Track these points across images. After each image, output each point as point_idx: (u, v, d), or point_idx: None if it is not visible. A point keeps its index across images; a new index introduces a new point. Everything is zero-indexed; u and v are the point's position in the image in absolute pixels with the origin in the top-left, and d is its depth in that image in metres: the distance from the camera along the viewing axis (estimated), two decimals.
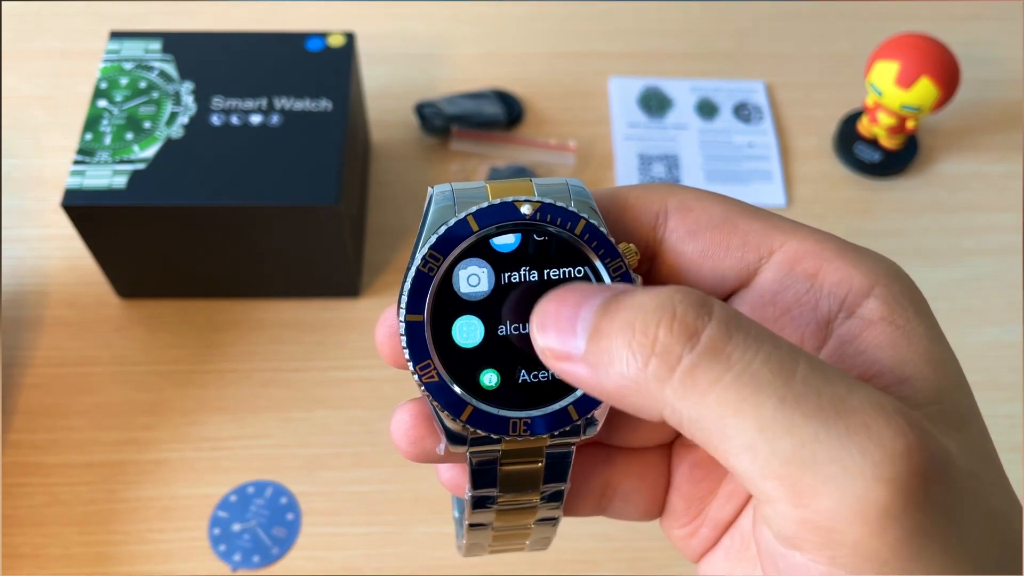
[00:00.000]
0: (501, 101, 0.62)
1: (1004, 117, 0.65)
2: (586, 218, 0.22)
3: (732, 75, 0.66)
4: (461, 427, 0.21)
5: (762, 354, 0.18)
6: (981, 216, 0.60)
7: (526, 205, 0.22)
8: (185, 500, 0.47)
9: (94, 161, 0.48)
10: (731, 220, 0.23)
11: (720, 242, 0.23)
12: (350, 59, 0.53)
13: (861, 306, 0.21)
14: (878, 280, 0.21)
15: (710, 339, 0.18)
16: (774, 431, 0.17)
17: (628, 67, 0.66)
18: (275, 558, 0.46)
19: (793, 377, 0.18)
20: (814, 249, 0.22)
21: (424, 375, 0.21)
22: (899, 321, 0.21)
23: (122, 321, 0.53)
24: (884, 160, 0.61)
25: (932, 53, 0.55)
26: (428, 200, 0.22)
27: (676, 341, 0.18)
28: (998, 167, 0.62)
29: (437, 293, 0.21)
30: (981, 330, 0.55)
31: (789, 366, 0.18)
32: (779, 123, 0.64)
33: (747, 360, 0.18)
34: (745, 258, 0.22)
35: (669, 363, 0.18)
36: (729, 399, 0.17)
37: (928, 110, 0.56)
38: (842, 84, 0.65)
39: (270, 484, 0.48)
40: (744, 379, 0.17)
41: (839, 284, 0.21)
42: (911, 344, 0.21)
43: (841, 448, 0.17)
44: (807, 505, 0.17)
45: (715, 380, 0.18)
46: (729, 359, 0.18)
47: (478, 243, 0.22)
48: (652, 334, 0.18)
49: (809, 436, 0.17)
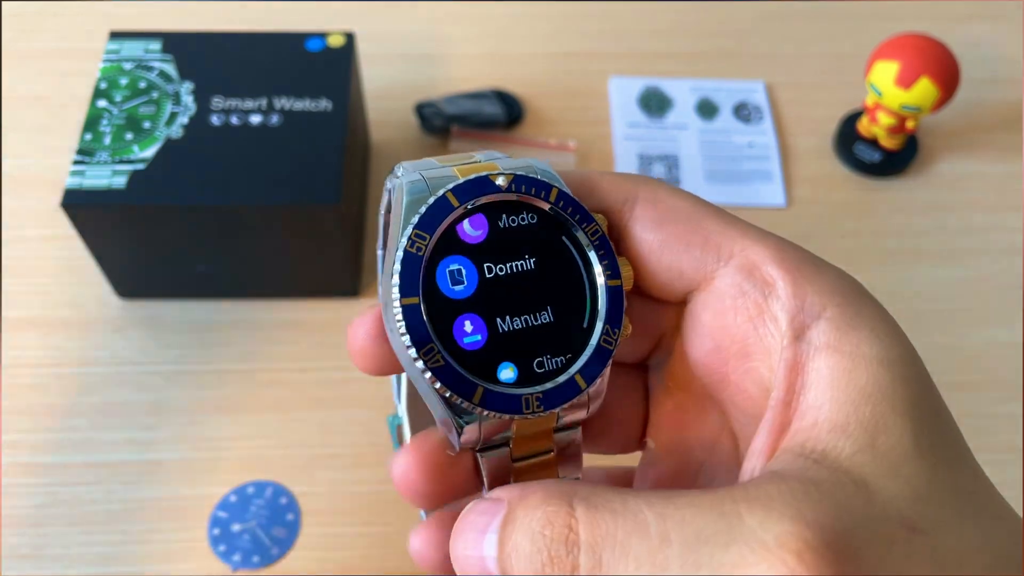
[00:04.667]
0: (501, 101, 0.62)
1: (1004, 117, 0.65)
2: (558, 187, 0.22)
3: (732, 75, 0.66)
4: (474, 414, 0.21)
5: (632, 559, 0.18)
6: (981, 216, 0.60)
7: (500, 178, 0.22)
8: (185, 500, 0.47)
9: (94, 161, 0.48)
10: (696, 218, 0.23)
11: (681, 237, 0.23)
12: (350, 59, 0.53)
13: (811, 328, 0.21)
14: (832, 300, 0.21)
15: (587, 570, 0.19)
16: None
17: (628, 67, 0.66)
18: (275, 558, 0.46)
19: (667, 567, 0.18)
20: (774, 258, 0.22)
21: (429, 360, 0.20)
22: (846, 347, 0.20)
23: (122, 321, 0.53)
24: (884, 160, 0.61)
25: (932, 53, 0.55)
26: (396, 183, 0.22)
27: (563, 559, 0.19)
28: (998, 167, 0.62)
29: (425, 279, 0.21)
30: (981, 330, 0.55)
31: (660, 559, 0.18)
32: (779, 123, 0.64)
33: (623, 571, 0.18)
34: (704, 257, 0.23)
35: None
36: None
37: (928, 110, 0.56)
38: (842, 84, 0.65)
39: (270, 484, 0.48)
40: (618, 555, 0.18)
41: (792, 299, 0.21)
42: (852, 377, 0.20)
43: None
44: None
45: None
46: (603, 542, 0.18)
47: (448, 238, 0.21)
48: (548, 563, 0.19)
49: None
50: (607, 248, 0.22)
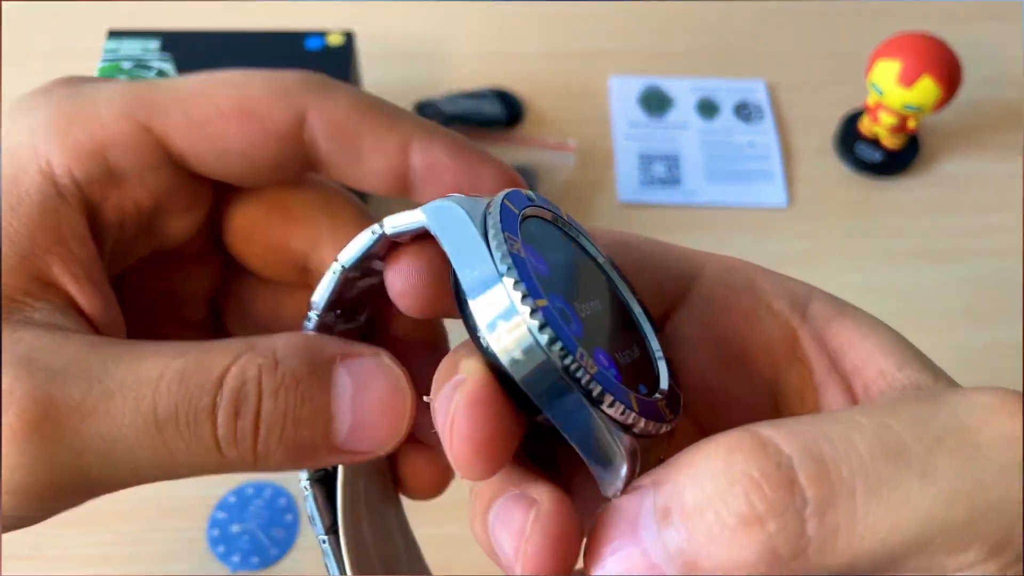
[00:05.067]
0: (501, 101, 0.62)
1: (1006, 117, 0.65)
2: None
3: (732, 74, 0.66)
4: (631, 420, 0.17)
5: (863, 449, 0.16)
6: (982, 216, 0.60)
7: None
8: (183, 501, 0.47)
9: None
10: (665, 246, 0.23)
11: (654, 254, 0.23)
12: (349, 58, 0.53)
13: (810, 306, 0.21)
14: (811, 289, 0.22)
15: (810, 479, 0.15)
16: (938, 512, 0.15)
17: (628, 67, 0.66)
18: (274, 559, 0.45)
19: (909, 449, 0.16)
20: (744, 263, 0.22)
21: (586, 365, 0.17)
22: (851, 313, 0.21)
23: None
24: (885, 160, 0.61)
25: (934, 52, 0.55)
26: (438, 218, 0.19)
27: (784, 510, 0.15)
28: (999, 167, 0.62)
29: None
30: (981, 330, 0.55)
31: (895, 443, 0.16)
32: (780, 122, 0.64)
33: (859, 468, 0.15)
34: (679, 267, 0.22)
35: (795, 532, 0.15)
36: (878, 517, 0.15)
37: (929, 109, 0.56)
38: (843, 83, 0.65)
39: (269, 485, 0.47)
40: (873, 488, 0.15)
41: (779, 289, 0.21)
42: (878, 333, 0.20)
43: (1004, 477, 0.16)
44: (1007, 546, 0.16)
45: (850, 513, 0.15)
46: (843, 482, 0.15)
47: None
48: (755, 520, 0.15)
49: (971, 489, 0.16)
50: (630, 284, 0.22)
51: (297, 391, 0.20)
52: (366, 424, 0.20)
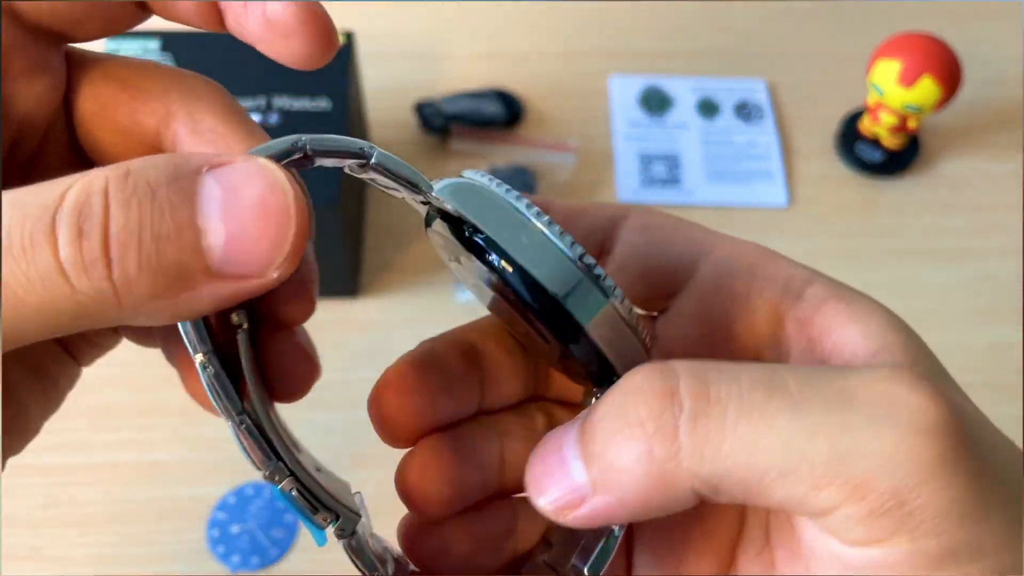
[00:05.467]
0: (501, 101, 0.62)
1: (1006, 116, 0.65)
2: None
3: (733, 74, 0.66)
4: None
5: (745, 382, 0.18)
6: (982, 216, 0.60)
7: None
8: (183, 501, 0.47)
9: None
10: (679, 226, 0.24)
11: (666, 237, 0.24)
12: (349, 58, 0.53)
13: (807, 290, 0.21)
14: (815, 275, 0.22)
15: (690, 392, 0.18)
16: (800, 442, 0.17)
17: (628, 66, 0.66)
18: (274, 559, 0.45)
19: (787, 389, 0.17)
20: (752, 248, 0.23)
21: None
22: (847, 298, 0.21)
23: None
24: (886, 159, 0.61)
25: (934, 52, 0.55)
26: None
27: (661, 413, 0.18)
28: (999, 166, 0.62)
29: None
30: (981, 330, 0.55)
31: (778, 383, 0.18)
32: (780, 122, 0.64)
33: (735, 394, 0.17)
34: (689, 250, 0.23)
35: (669, 435, 0.17)
36: (743, 435, 0.17)
37: (930, 109, 0.56)
38: (844, 83, 0.65)
39: (268, 485, 0.47)
40: (744, 410, 0.17)
41: (778, 273, 0.22)
42: (869, 317, 0.21)
43: (871, 426, 0.17)
44: (867, 493, 0.17)
45: (719, 426, 0.17)
46: (719, 402, 0.17)
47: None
48: (637, 423, 0.18)
49: (835, 429, 0.17)
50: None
51: (153, 202, 0.16)
52: (243, 235, 0.17)
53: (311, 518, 0.20)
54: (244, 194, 0.17)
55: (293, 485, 0.20)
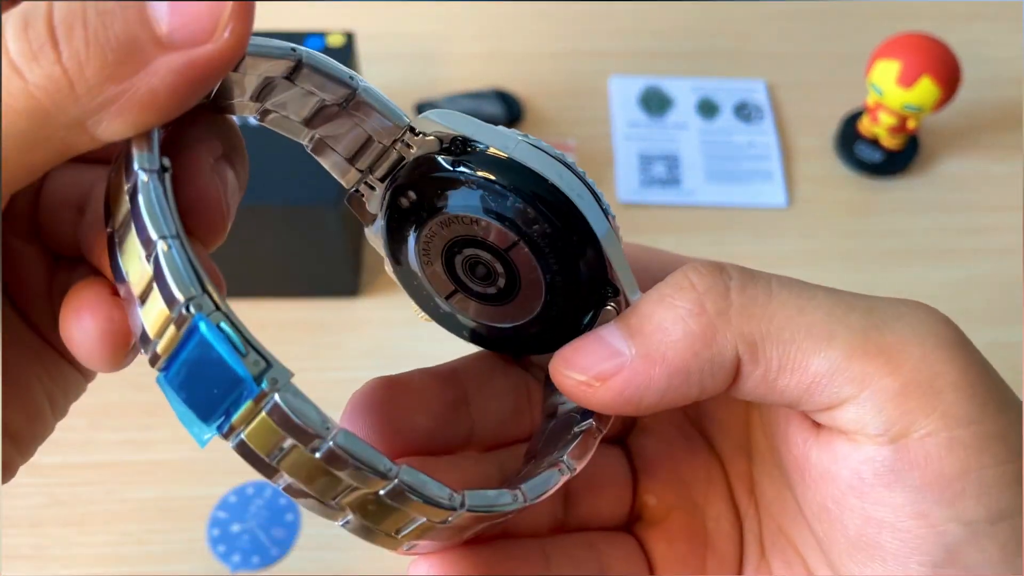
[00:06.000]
0: (501, 101, 0.62)
1: (1005, 117, 0.65)
2: None
3: (733, 74, 0.66)
4: None
5: (780, 275, 0.19)
6: (982, 216, 0.60)
7: None
8: (184, 501, 0.47)
9: None
10: (650, 258, 0.23)
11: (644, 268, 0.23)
12: (349, 59, 0.53)
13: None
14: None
15: (736, 270, 0.19)
16: (839, 311, 0.18)
17: (628, 66, 0.66)
18: (274, 559, 0.45)
19: (814, 287, 0.19)
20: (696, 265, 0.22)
21: None
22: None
23: None
24: (885, 160, 0.61)
25: (933, 52, 0.55)
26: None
27: (713, 281, 0.19)
28: (999, 167, 0.62)
29: None
30: (981, 330, 0.55)
31: (805, 284, 0.19)
32: (780, 123, 0.64)
33: (776, 277, 0.19)
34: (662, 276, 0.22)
35: (721, 293, 0.19)
36: (788, 300, 0.19)
37: (929, 110, 0.56)
38: (843, 83, 0.65)
39: (269, 484, 0.48)
40: (786, 284, 0.19)
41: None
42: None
43: (897, 309, 0.18)
44: (901, 363, 0.18)
45: (766, 292, 0.19)
46: (764, 277, 0.19)
47: None
48: (689, 290, 0.19)
49: (868, 308, 0.18)
50: None
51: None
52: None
53: (240, 361, 0.16)
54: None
55: (223, 319, 0.16)
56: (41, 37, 0.16)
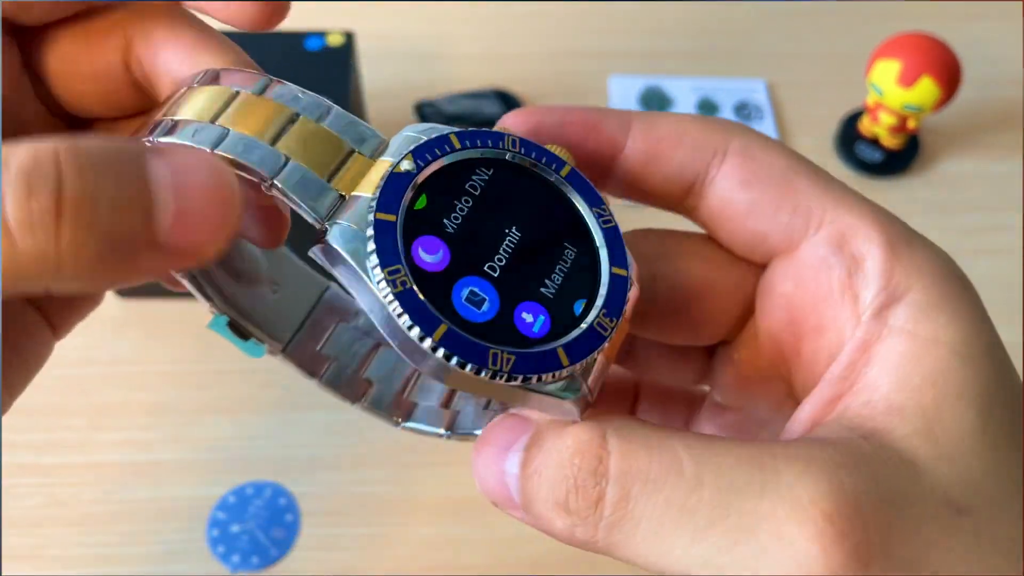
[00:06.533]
0: (501, 101, 0.62)
1: (1005, 116, 0.65)
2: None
3: (733, 74, 0.66)
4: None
5: (662, 498, 0.18)
6: (982, 216, 0.60)
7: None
8: (183, 501, 0.47)
9: None
10: (790, 178, 0.22)
11: (772, 200, 0.22)
12: (349, 58, 0.53)
13: (891, 309, 0.20)
14: (920, 280, 0.21)
15: (612, 504, 0.19)
16: (694, 564, 0.18)
17: (628, 66, 0.66)
18: (274, 559, 0.45)
19: (696, 511, 0.18)
20: (867, 232, 0.21)
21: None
22: (923, 332, 0.20)
23: (121, 321, 0.53)
24: (885, 160, 0.61)
25: (933, 52, 0.55)
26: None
27: (586, 510, 0.19)
28: (999, 166, 0.62)
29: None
30: None
31: (692, 501, 0.18)
32: (780, 122, 0.64)
33: (651, 510, 0.18)
34: (792, 223, 0.21)
35: (590, 527, 0.19)
36: (650, 547, 0.19)
37: (929, 109, 0.56)
38: (843, 83, 0.65)
39: (269, 485, 0.47)
40: (653, 529, 0.19)
41: (879, 277, 0.21)
42: (921, 361, 0.20)
43: (756, 562, 0.18)
44: None
45: (630, 535, 0.19)
46: (633, 517, 0.19)
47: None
48: (567, 506, 0.19)
49: (725, 562, 0.18)
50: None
51: (109, 169, 0.16)
52: (191, 212, 0.17)
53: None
54: (193, 175, 0.17)
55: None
56: (44, 212, 0.15)
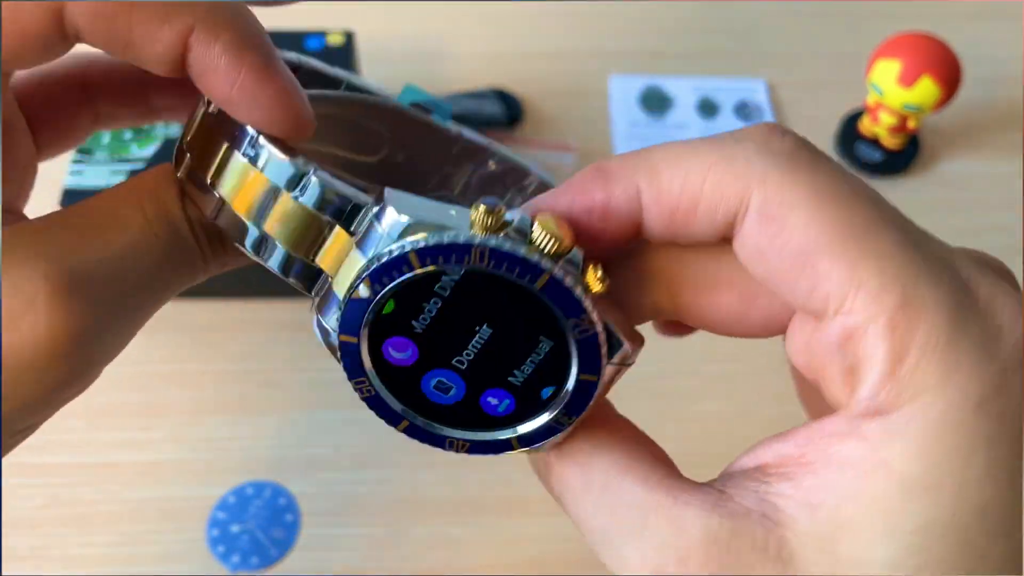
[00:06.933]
0: (501, 101, 0.62)
1: (1006, 116, 0.65)
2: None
3: (733, 74, 0.66)
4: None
5: None
6: (982, 216, 0.60)
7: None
8: (183, 501, 0.47)
9: (92, 161, 0.48)
10: (814, 256, 0.19)
11: (788, 276, 0.19)
12: (350, 58, 0.53)
13: (869, 421, 0.19)
14: (910, 403, 0.19)
15: None
16: None
17: (628, 66, 0.66)
18: (274, 559, 0.45)
19: None
20: (874, 340, 0.19)
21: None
22: (882, 454, 0.19)
23: None
24: (885, 160, 0.61)
25: (934, 52, 0.55)
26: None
27: None
28: (1000, 166, 0.62)
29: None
30: None
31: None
32: (780, 122, 0.64)
33: None
34: (811, 303, 0.19)
35: None
36: None
37: (930, 109, 0.56)
38: (843, 83, 0.65)
39: (269, 485, 0.47)
40: None
41: (871, 387, 0.19)
42: (864, 479, 0.19)
43: None
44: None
45: None
46: None
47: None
48: None
49: None
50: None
51: None
52: None
53: None
54: None
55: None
56: None
